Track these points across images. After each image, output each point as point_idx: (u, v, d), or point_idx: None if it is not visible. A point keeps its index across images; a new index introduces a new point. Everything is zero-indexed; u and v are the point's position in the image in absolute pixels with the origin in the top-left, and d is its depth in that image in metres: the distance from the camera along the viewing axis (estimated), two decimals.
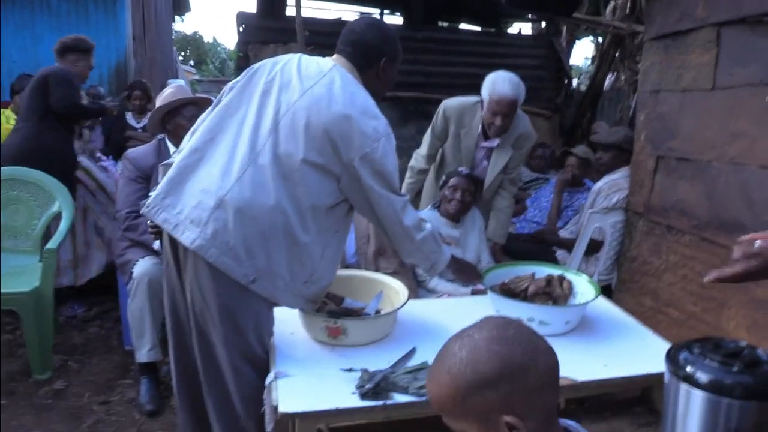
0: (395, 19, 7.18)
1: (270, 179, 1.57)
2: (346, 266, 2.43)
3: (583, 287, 2.04)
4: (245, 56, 4.75)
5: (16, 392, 2.76)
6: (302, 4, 4.12)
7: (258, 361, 1.68)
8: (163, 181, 1.67)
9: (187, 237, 1.57)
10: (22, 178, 3.23)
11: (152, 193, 1.69)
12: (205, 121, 1.73)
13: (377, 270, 2.39)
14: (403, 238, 1.76)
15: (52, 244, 2.92)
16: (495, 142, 3.01)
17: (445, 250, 1.91)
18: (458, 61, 6.04)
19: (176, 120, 2.79)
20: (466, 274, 2.08)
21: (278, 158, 1.59)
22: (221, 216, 1.55)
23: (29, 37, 5.63)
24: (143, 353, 2.64)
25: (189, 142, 1.71)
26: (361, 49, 1.77)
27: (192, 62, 22.05)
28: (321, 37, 5.17)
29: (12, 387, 2.79)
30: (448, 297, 2.47)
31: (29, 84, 3.45)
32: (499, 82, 2.82)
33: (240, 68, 4.62)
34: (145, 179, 2.73)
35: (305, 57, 1.77)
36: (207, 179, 1.60)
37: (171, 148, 2.80)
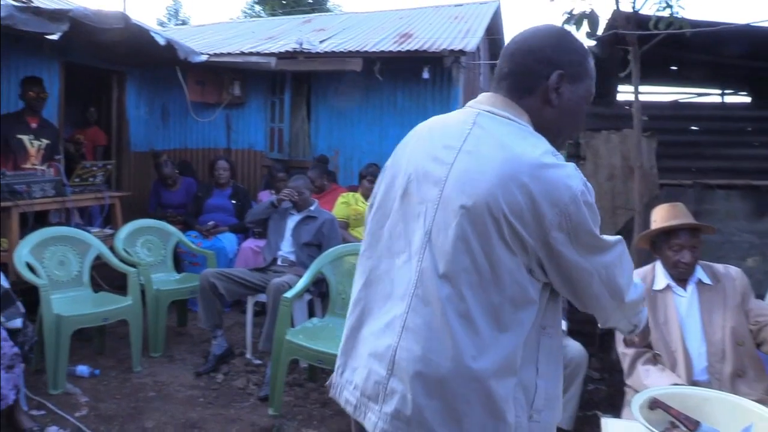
0: (740, 100, 6.37)
1: (439, 316, 1.13)
2: (694, 383, 2.05)
3: None
4: (576, 143, 4.65)
5: None
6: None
7: None
8: (339, 348, 1.35)
9: (369, 420, 1.20)
10: None
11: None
12: (363, 245, 1.36)
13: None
14: (608, 309, 1.26)
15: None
16: None
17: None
18: None
19: None
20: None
21: (441, 284, 1.14)
22: (397, 386, 1.16)
23: (377, 132, 6.65)
24: None
25: (356, 280, 1.35)
26: (519, 67, 1.24)
27: None
28: (658, 122, 4.88)
29: None
30: None
31: None
32: None
33: (571, 156, 4.54)
34: None
35: (436, 125, 1.32)
36: (372, 338, 1.24)
37: None
